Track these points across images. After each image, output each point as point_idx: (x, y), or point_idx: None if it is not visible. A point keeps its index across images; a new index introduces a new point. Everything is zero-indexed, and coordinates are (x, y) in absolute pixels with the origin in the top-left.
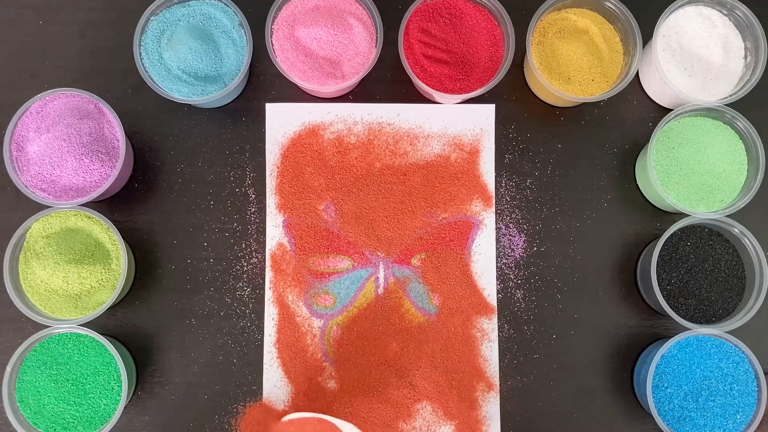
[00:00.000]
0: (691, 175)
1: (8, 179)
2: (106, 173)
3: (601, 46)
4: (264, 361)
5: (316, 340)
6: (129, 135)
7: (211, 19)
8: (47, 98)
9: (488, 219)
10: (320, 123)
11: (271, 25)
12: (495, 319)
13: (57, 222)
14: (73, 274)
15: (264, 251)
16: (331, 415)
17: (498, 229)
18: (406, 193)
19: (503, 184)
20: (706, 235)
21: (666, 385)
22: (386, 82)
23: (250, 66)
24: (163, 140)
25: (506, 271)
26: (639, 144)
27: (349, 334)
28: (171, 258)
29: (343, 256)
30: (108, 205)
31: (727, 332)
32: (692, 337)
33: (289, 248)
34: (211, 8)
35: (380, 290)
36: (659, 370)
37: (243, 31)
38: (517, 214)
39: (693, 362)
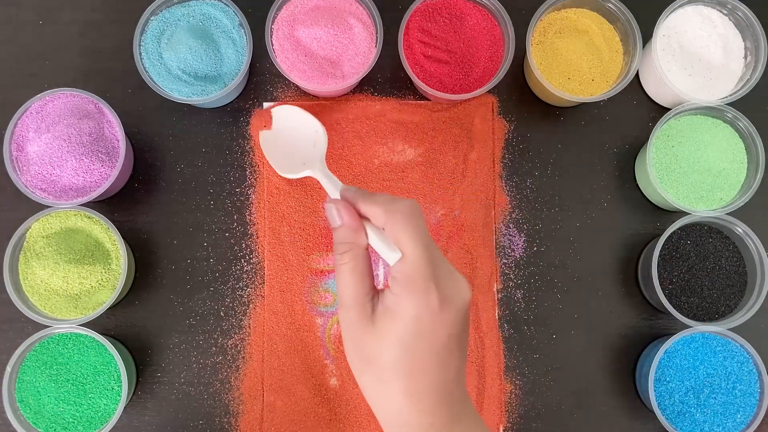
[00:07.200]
0: (691, 174)
1: (8, 179)
2: (106, 173)
3: (601, 46)
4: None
5: (317, 338)
6: (129, 135)
7: (211, 19)
8: (47, 98)
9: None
10: (320, 122)
11: (271, 25)
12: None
13: (57, 222)
14: (73, 274)
15: (264, 251)
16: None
17: (498, 229)
18: (405, 190)
19: (503, 184)
20: (706, 233)
21: (668, 379)
22: (386, 82)
23: (250, 66)
24: (163, 140)
25: (506, 271)
26: (639, 144)
27: None
28: (171, 258)
29: None
30: (108, 205)
31: (730, 330)
32: (698, 334)
33: (289, 247)
34: (211, 8)
35: (380, 287)
36: (662, 364)
37: (243, 31)
38: (517, 214)
39: (697, 358)
